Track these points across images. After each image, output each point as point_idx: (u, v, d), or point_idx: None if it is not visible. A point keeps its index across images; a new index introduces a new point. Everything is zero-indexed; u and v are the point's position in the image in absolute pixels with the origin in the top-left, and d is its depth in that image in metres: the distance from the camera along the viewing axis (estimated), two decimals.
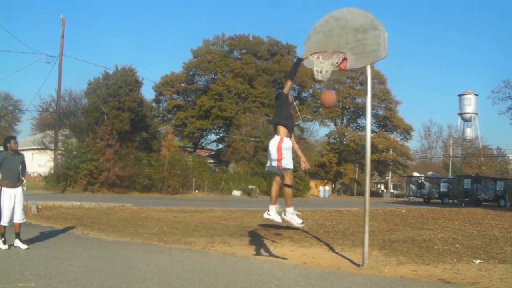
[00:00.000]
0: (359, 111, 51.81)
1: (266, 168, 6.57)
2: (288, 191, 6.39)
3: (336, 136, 53.24)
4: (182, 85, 47.80)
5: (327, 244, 9.06)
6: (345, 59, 6.88)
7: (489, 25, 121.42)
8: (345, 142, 51.63)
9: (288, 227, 11.89)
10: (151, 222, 11.98)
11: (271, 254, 7.76)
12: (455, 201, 35.68)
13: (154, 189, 29.32)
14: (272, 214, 6.48)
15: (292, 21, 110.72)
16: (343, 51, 6.89)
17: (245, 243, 8.91)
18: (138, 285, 5.20)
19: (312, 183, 45.04)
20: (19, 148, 7.65)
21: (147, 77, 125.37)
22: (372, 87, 9.37)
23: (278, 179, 6.46)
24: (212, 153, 52.43)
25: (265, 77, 46.16)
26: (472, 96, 78.14)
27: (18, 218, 7.30)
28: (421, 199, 37.57)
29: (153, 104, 43.38)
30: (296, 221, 6.46)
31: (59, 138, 28.56)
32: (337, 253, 8.15)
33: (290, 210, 6.45)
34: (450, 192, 36.95)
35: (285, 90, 6.61)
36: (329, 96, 7.28)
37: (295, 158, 6.47)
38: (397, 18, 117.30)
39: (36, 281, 5.07)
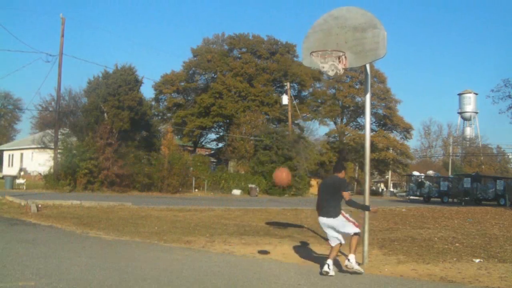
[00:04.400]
0: (359, 110, 51.78)
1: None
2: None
3: (336, 135, 53.24)
4: (182, 83, 47.80)
5: (327, 243, 9.05)
6: (344, 58, 6.89)
7: (489, 24, 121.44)
8: (345, 141, 51.64)
9: (288, 226, 11.91)
10: (151, 221, 11.98)
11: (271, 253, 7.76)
12: (455, 200, 35.67)
13: (154, 188, 29.29)
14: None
15: (292, 20, 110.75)
16: (342, 50, 6.89)
17: (244, 242, 8.91)
18: (138, 283, 5.20)
19: (313, 182, 45.04)
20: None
21: (147, 76, 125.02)
22: (372, 86, 9.36)
23: None
24: (212, 152, 52.44)
25: (265, 76, 46.15)
26: (472, 95, 78.19)
27: None
28: (421, 198, 37.58)
29: (153, 103, 43.36)
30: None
31: (59, 137, 28.53)
32: None
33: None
34: (450, 191, 36.96)
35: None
36: (281, 174, 7.01)
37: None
38: (397, 16, 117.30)
39: (36, 280, 5.07)
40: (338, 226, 6.31)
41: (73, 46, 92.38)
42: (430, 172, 43.61)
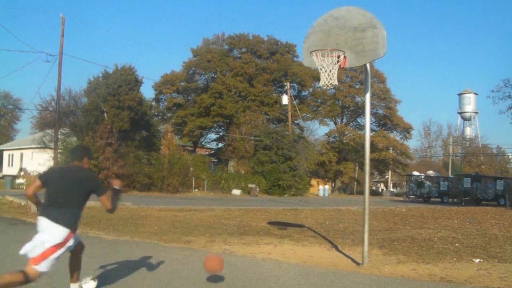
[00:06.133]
0: (359, 110, 51.77)
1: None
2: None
3: (336, 135, 53.22)
4: (182, 83, 47.80)
5: (327, 243, 9.06)
6: (344, 57, 6.89)
7: (489, 24, 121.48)
8: (345, 141, 51.63)
9: (288, 226, 11.91)
10: (151, 221, 11.98)
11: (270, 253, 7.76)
12: (455, 200, 35.67)
13: (154, 188, 29.32)
14: None
15: (292, 20, 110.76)
16: (342, 49, 6.90)
17: (244, 242, 8.90)
18: (138, 284, 5.20)
19: (314, 182, 45.13)
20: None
21: (147, 76, 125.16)
22: (372, 86, 9.36)
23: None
24: (212, 152, 52.44)
25: (265, 76, 46.16)
26: (472, 95, 78.24)
27: None
28: (421, 198, 37.59)
29: (153, 103, 43.39)
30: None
31: (59, 137, 28.54)
32: (337, 251, 8.15)
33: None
34: (450, 191, 36.96)
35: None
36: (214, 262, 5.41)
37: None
38: (397, 16, 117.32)
39: (36, 280, 5.06)
40: None
41: (73, 46, 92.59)
42: (430, 172, 43.63)
